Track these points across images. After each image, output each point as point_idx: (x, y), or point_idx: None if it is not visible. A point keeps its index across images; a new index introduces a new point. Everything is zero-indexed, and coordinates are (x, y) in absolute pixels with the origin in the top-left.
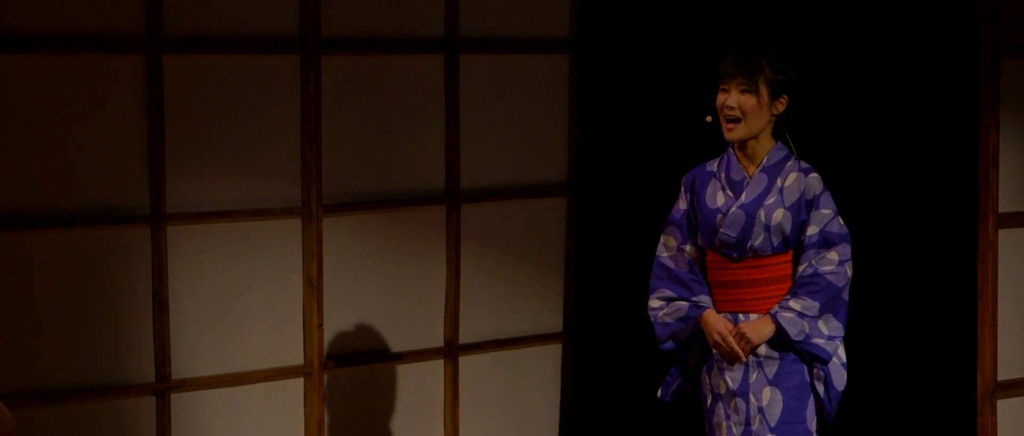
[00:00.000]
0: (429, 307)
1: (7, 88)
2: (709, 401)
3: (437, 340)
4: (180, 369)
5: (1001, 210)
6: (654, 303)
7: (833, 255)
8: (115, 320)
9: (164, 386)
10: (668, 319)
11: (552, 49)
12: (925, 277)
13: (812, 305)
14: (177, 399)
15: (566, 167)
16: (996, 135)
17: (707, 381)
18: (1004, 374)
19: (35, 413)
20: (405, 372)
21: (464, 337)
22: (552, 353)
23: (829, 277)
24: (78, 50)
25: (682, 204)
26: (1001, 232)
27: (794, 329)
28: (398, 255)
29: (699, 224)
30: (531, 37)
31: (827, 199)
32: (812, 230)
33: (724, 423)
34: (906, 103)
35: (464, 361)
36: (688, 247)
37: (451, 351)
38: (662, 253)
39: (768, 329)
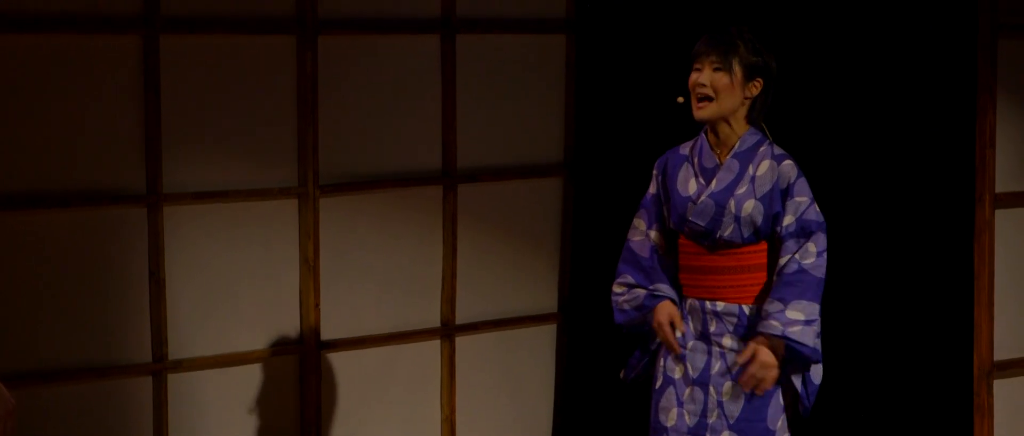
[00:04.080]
0: (426, 287)
1: (4, 68)
2: (658, 383)
3: (434, 320)
4: (177, 349)
5: (998, 190)
6: (616, 288)
7: (812, 247)
8: (112, 300)
9: (161, 366)
10: (626, 306)
11: (549, 29)
12: (922, 258)
13: (811, 307)
14: (174, 379)
15: (563, 148)
16: (993, 115)
17: (662, 364)
18: (1000, 354)
19: (33, 393)
20: (402, 352)
21: (461, 317)
22: (547, 333)
23: (813, 272)
24: (74, 30)
25: (652, 187)
26: (998, 212)
27: (810, 343)
28: (395, 235)
29: (670, 209)
30: (528, 17)
31: (802, 186)
32: (789, 220)
33: (675, 409)
34: (903, 84)
35: (461, 341)
36: (653, 232)
37: (448, 331)
38: (632, 237)
39: (778, 350)
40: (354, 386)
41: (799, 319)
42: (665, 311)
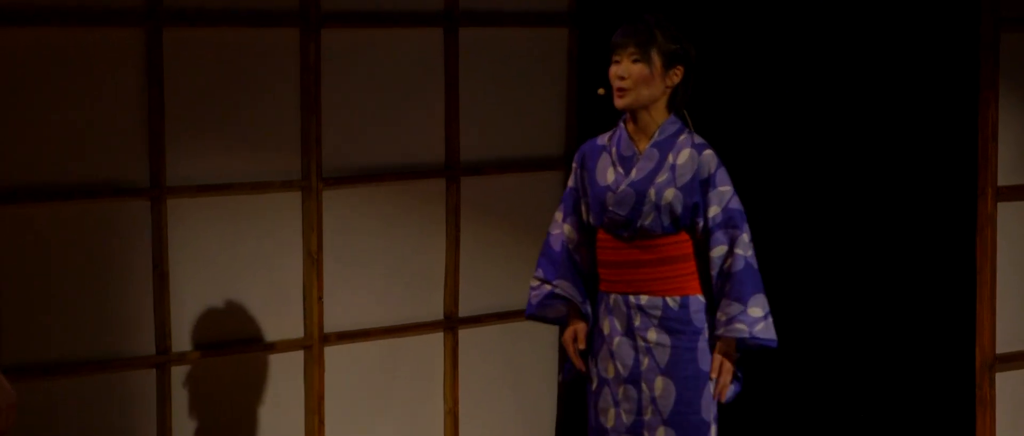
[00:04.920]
0: (429, 280)
1: (7, 62)
2: (594, 385)
3: (437, 313)
4: (180, 342)
5: (1000, 184)
6: (532, 281)
7: (746, 237)
8: (116, 293)
9: (165, 359)
10: (533, 301)
11: (552, 22)
12: (924, 252)
13: (763, 299)
14: (177, 372)
15: (565, 141)
16: (995, 109)
17: (594, 365)
18: (1003, 347)
19: (36, 386)
20: (405, 345)
21: (464, 310)
22: (551, 326)
23: (754, 263)
24: (77, 23)
25: (571, 180)
26: (1000, 206)
27: (773, 336)
28: (398, 228)
29: (590, 201)
30: (531, 10)
31: (723, 176)
32: (714, 210)
33: (612, 409)
34: (906, 78)
35: (464, 334)
36: (566, 225)
37: (451, 324)
38: (551, 230)
39: (732, 347)
40: (357, 379)
41: (759, 316)
42: (570, 329)
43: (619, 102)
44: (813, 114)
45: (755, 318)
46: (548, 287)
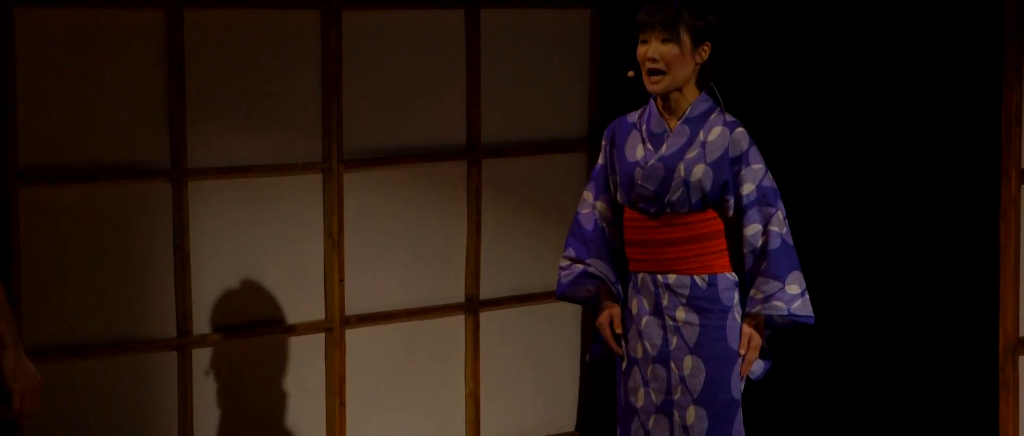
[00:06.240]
0: (450, 262)
1: (29, 43)
2: (624, 364)
3: (458, 295)
4: (201, 324)
5: (1023, 166)
6: (562, 261)
7: (780, 214)
8: (137, 275)
9: (185, 341)
10: (564, 280)
11: (573, 4)
12: (947, 234)
13: (800, 276)
14: (198, 354)
15: (587, 122)
16: (1019, 91)
17: (624, 346)
18: None
19: (58, 367)
20: (426, 327)
21: (485, 293)
22: (572, 307)
23: (790, 240)
24: (99, 4)
25: (601, 158)
26: (1023, 188)
27: (810, 312)
28: (419, 210)
29: (619, 178)
30: None
31: (755, 154)
32: (748, 188)
33: (641, 389)
34: (929, 60)
35: (485, 316)
36: (599, 203)
37: (472, 306)
38: (580, 209)
39: (761, 323)
40: (378, 361)
41: (796, 293)
42: (606, 313)
43: (654, 87)
44: (835, 97)
45: (793, 295)
46: (580, 266)
